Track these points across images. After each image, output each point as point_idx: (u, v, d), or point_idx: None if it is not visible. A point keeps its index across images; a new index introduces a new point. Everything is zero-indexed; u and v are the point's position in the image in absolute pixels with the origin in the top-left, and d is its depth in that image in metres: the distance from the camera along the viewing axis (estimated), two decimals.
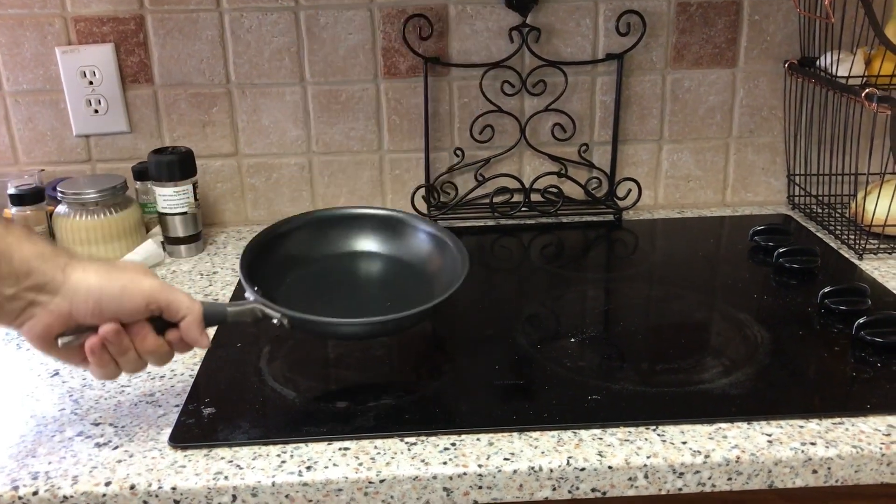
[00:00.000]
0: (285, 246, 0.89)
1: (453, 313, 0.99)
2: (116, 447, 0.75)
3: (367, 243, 0.93)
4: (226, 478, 0.71)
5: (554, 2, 1.22)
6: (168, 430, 0.77)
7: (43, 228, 1.13)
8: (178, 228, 1.17)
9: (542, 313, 1.00)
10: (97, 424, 0.79)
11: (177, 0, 1.18)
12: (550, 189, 1.28)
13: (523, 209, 1.28)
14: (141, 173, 1.20)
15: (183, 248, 1.18)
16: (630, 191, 1.30)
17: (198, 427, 0.77)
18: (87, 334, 0.70)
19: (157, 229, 1.20)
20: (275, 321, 0.77)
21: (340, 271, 0.90)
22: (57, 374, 0.88)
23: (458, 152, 1.28)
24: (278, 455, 0.73)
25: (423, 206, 1.28)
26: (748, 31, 1.25)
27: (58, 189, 1.11)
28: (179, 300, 0.73)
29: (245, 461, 0.72)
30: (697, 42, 1.25)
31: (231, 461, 0.73)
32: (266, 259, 0.86)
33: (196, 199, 1.17)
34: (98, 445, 0.75)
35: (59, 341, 0.70)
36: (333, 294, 0.87)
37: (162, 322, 0.73)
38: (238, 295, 1.06)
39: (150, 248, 1.14)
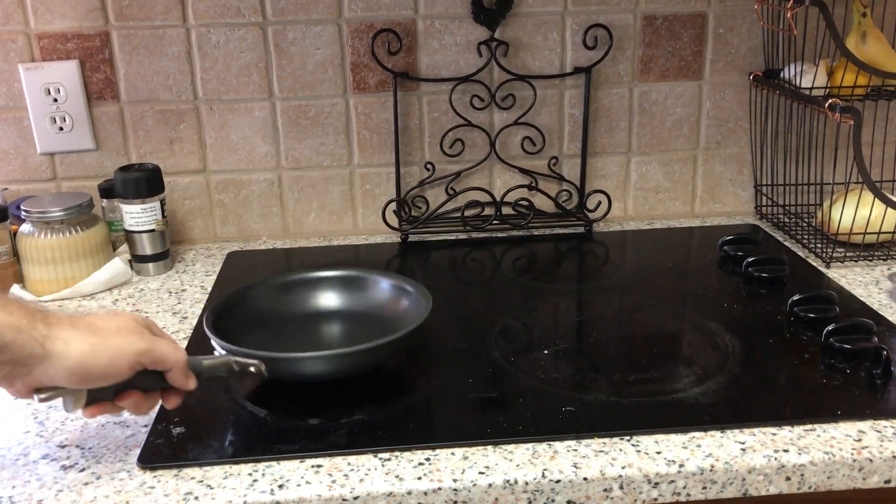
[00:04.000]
0: (248, 308, 0.91)
1: (426, 327, 0.98)
2: (83, 469, 0.73)
3: (330, 300, 0.95)
4: (196, 498, 0.69)
5: (521, 16, 1.23)
6: (136, 451, 0.75)
7: (7, 248, 1.10)
8: (146, 246, 1.15)
9: (515, 326, 1.00)
10: (63, 447, 0.77)
11: (142, 16, 1.17)
12: (521, 202, 1.28)
13: (494, 222, 1.28)
14: (107, 191, 1.19)
15: (151, 265, 1.16)
16: (600, 203, 1.31)
17: (167, 447, 0.76)
18: (65, 390, 0.69)
19: (124, 247, 1.18)
20: (251, 369, 0.77)
21: (305, 329, 0.92)
22: None
23: (429, 166, 1.28)
24: (250, 474, 0.72)
25: (394, 221, 1.27)
26: (713, 43, 1.27)
27: (22, 208, 1.09)
28: (164, 355, 0.71)
29: (216, 481, 0.71)
30: (664, 55, 1.26)
31: (202, 481, 0.71)
32: (230, 322, 0.86)
33: (164, 216, 1.16)
34: (64, 468, 0.74)
35: (37, 397, 0.68)
36: (303, 346, 0.88)
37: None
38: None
39: (117, 266, 1.12)
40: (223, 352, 0.79)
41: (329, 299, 0.95)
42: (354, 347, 0.79)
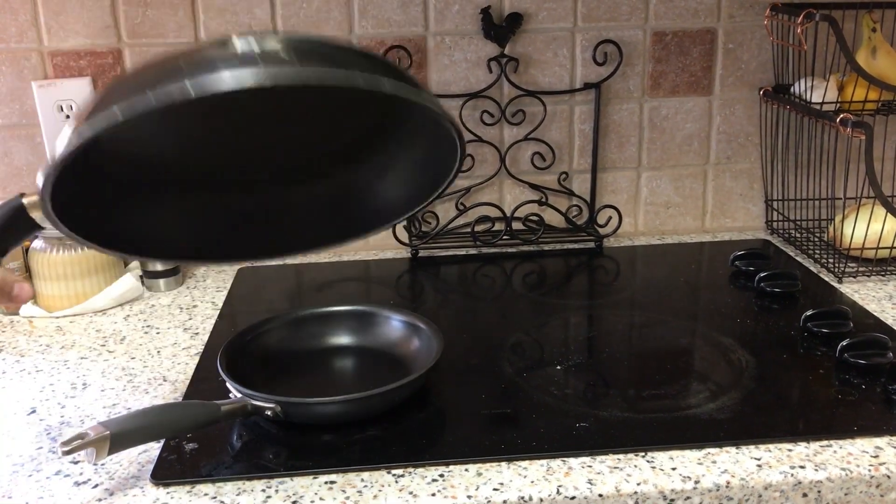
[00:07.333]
0: (260, 345, 0.91)
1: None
2: (96, 486, 0.73)
3: (341, 337, 0.96)
4: None
5: (531, 32, 1.23)
6: (150, 467, 0.75)
7: (19, 264, 1.11)
8: (157, 262, 1.15)
9: (527, 341, 1.00)
10: (76, 462, 0.77)
11: (155, 34, 1.18)
12: (531, 217, 1.28)
13: (505, 237, 1.28)
14: None
15: (162, 281, 1.17)
16: (610, 218, 1.31)
17: (180, 463, 0.76)
18: (87, 443, 0.69)
19: (135, 263, 1.19)
20: (268, 412, 0.78)
21: (317, 366, 0.92)
22: (34, 412, 0.86)
23: None
24: (263, 490, 0.72)
25: (404, 236, 1.27)
26: (723, 59, 1.27)
27: None
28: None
29: (229, 497, 0.71)
30: (673, 71, 1.27)
31: (215, 497, 0.71)
32: (242, 359, 0.87)
33: None
34: (77, 484, 0.74)
35: (61, 450, 0.67)
36: (315, 385, 0.89)
37: None
38: (216, 338, 1.05)
39: (128, 282, 1.12)
40: (239, 394, 0.80)
41: (340, 336, 0.96)
42: (370, 392, 0.79)
